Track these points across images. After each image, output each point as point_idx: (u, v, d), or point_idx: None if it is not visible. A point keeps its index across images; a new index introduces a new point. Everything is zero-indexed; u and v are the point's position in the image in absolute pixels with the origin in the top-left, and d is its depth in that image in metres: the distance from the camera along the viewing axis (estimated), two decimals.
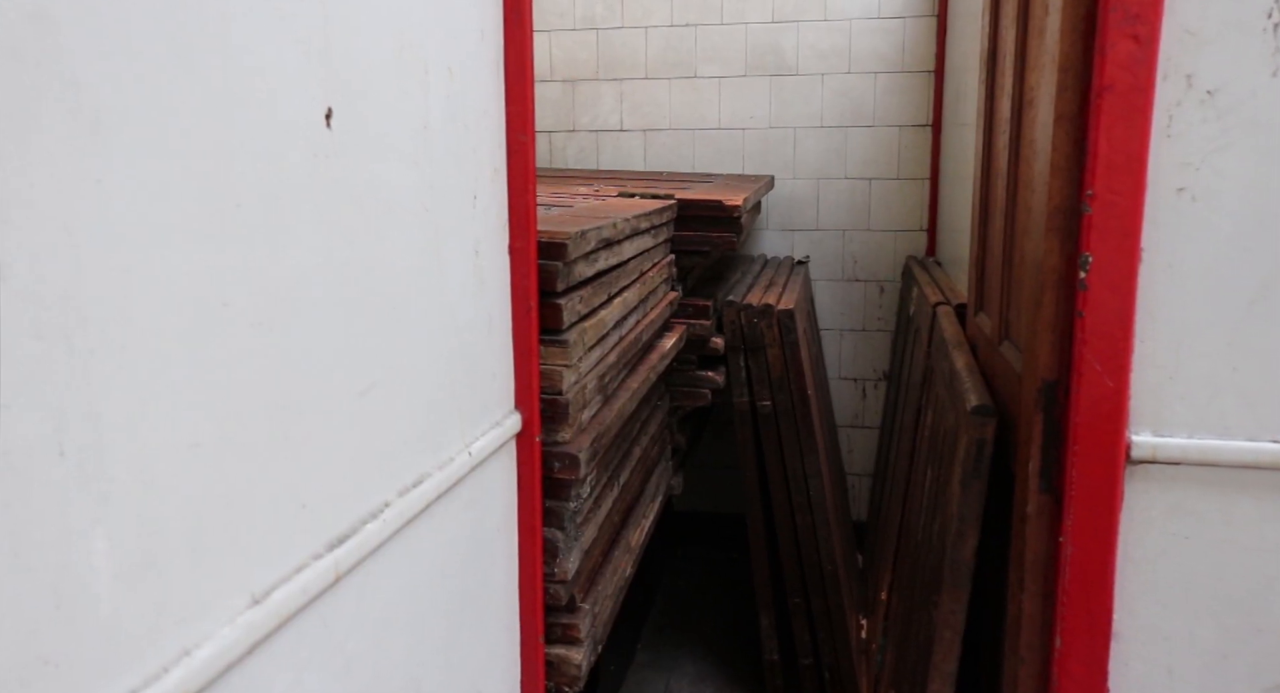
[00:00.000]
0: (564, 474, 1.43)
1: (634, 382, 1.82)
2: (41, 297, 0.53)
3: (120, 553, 0.60)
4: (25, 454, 0.52)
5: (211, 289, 0.68)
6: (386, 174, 0.96)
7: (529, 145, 1.32)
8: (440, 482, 1.08)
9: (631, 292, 1.86)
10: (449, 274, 1.12)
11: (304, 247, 0.80)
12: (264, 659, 0.75)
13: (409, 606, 1.03)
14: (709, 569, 3.34)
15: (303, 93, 0.80)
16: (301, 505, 0.81)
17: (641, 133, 3.44)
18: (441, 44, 1.08)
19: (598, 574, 1.65)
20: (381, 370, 0.95)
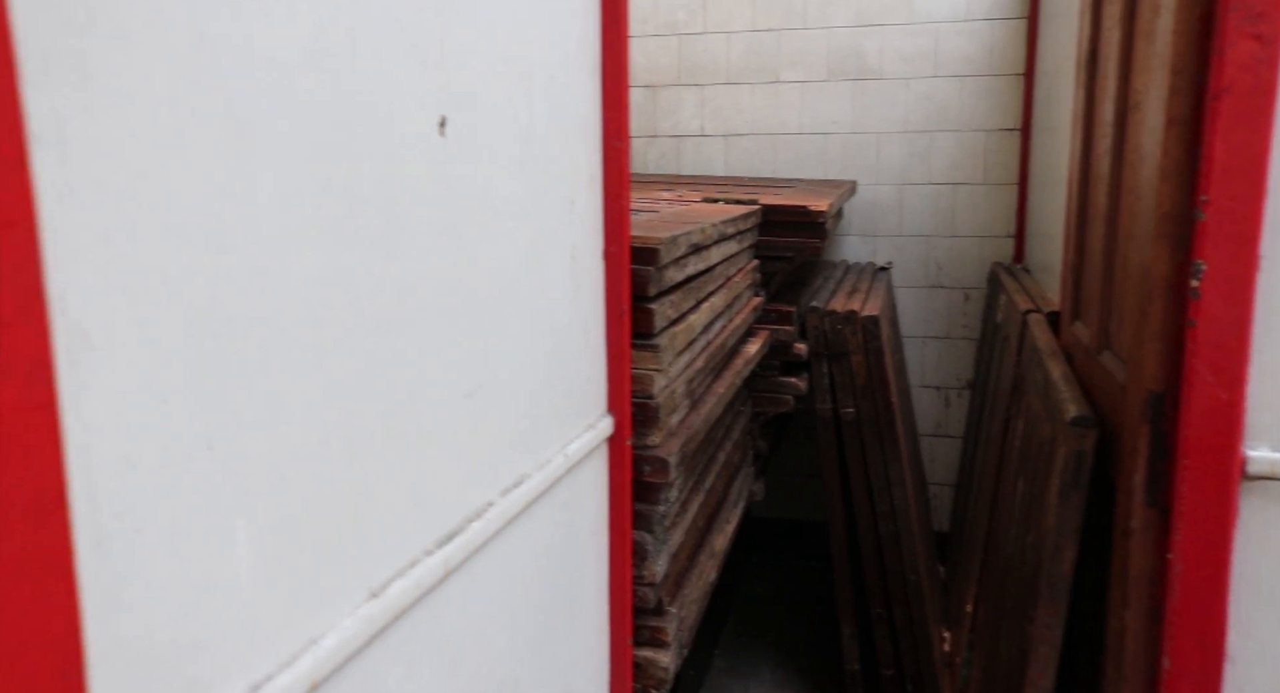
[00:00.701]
0: (653, 478, 1.44)
1: (720, 387, 1.82)
2: (196, 299, 0.56)
3: (258, 544, 0.62)
4: (181, 447, 0.55)
5: (338, 292, 0.71)
6: (493, 180, 0.98)
7: (624, 151, 1.34)
8: (539, 483, 1.10)
9: (718, 297, 1.87)
10: (548, 278, 1.14)
11: (419, 251, 0.83)
12: (381, 651, 0.77)
13: (507, 603, 1.05)
14: (786, 576, 3.32)
15: (420, 102, 0.82)
16: (414, 503, 0.83)
17: (722, 138, 3.45)
18: (544, 52, 1.10)
19: (684, 578, 1.66)
20: (486, 372, 0.98)
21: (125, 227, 0.51)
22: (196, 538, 0.57)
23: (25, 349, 0.43)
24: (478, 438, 0.96)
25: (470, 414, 0.94)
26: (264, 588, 0.63)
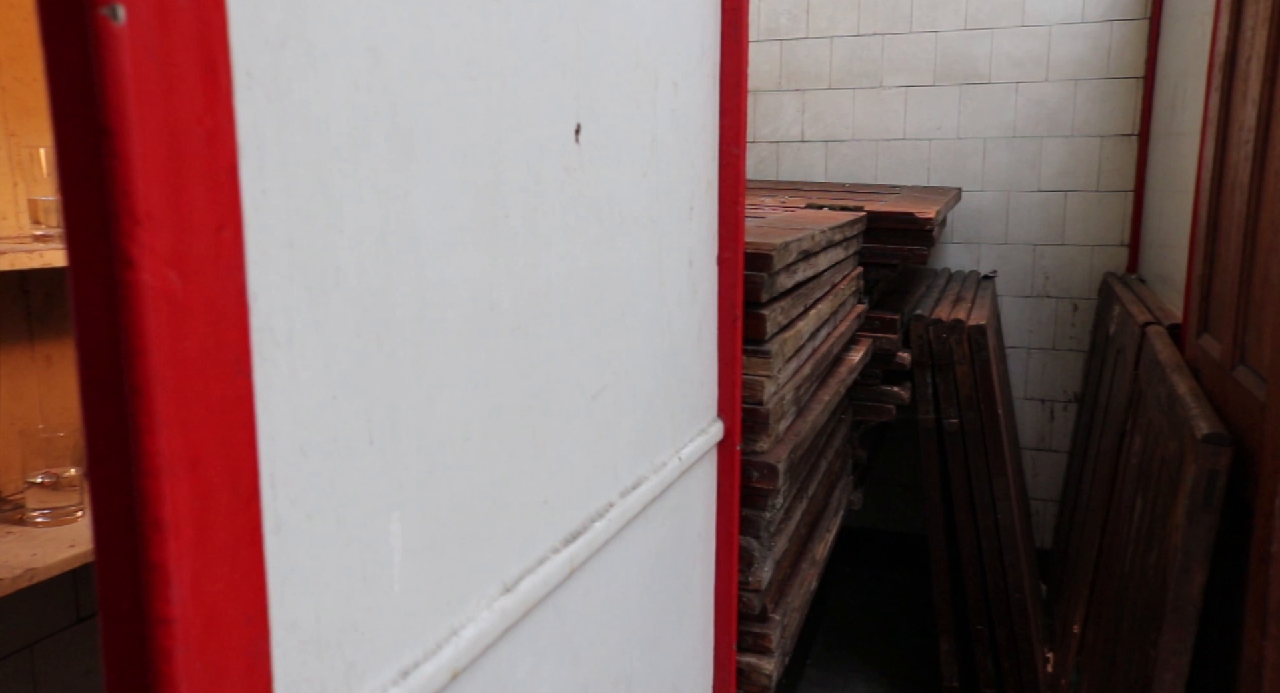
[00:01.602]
0: (762, 484, 1.44)
1: (825, 394, 1.81)
2: (363, 299, 0.59)
3: (410, 536, 0.65)
4: (346, 440, 0.58)
5: (483, 294, 0.74)
6: (621, 186, 0.99)
7: (740, 157, 1.34)
8: (655, 486, 1.11)
9: (825, 304, 1.85)
10: (668, 283, 1.15)
11: (555, 255, 0.85)
12: (512, 644, 0.79)
13: (623, 603, 1.07)
14: (881, 588, 3.26)
15: (558, 109, 0.84)
16: (544, 501, 0.85)
17: (823, 143, 3.42)
18: (668, 60, 1.12)
19: (786, 585, 1.65)
20: (610, 375, 0.99)
21: (306, 230, 0.53)
22: (357, 528, 0.60)
23: (232, 344, 0.45)
24: (601, 439, 0.98)
25: (595, 415, 0.96)
26: (413, 579, 0.66)
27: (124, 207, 0.40)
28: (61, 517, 1.35)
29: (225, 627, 0.46)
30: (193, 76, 0.43)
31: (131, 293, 0.41)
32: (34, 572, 1.17)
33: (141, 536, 0.42)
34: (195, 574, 0.44)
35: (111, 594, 0.44)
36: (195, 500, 0.44)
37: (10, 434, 1.43)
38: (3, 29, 1.39)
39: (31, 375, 1.48)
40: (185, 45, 0.42)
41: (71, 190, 0.41)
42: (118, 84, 0.39)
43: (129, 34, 0.39)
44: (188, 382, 0.43)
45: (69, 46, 0.39)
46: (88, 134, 0.40)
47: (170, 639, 0.43)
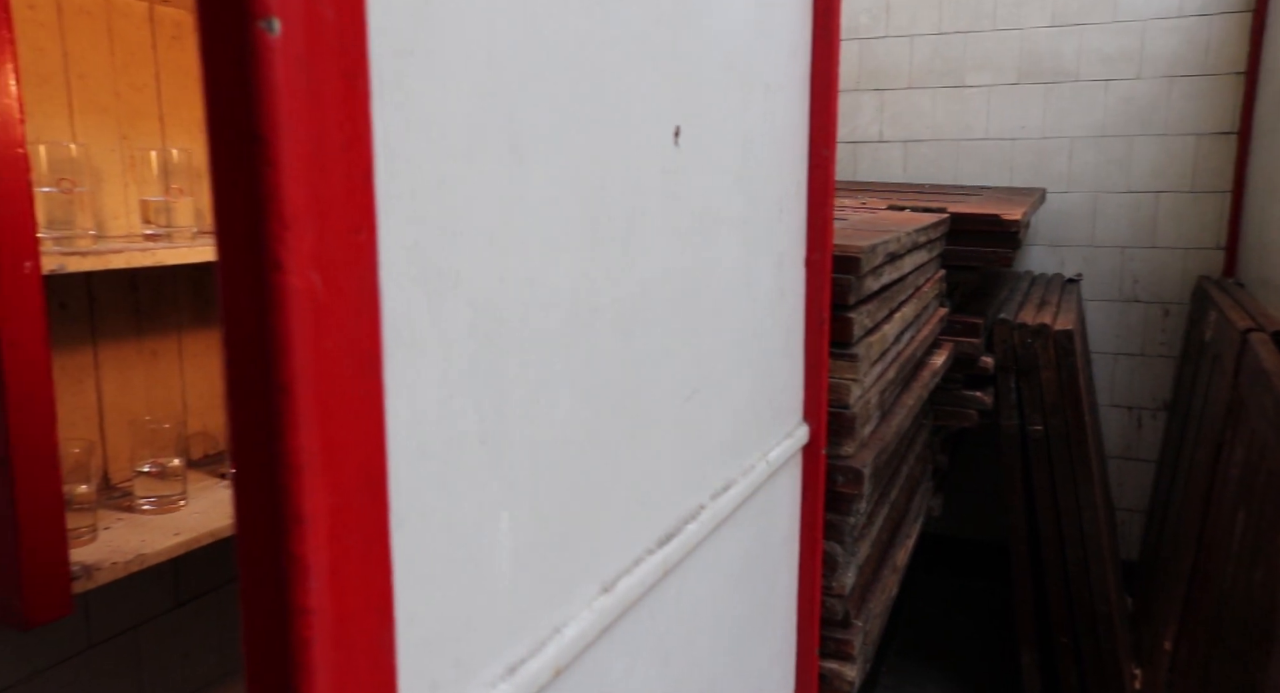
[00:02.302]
0: (847, 488, 1.43)
1: (908, 399, 1.78)
2: (478, 301, 0.60)
3: (517, 534, 0.66)
4: (460, 439, 0.59)
5: (586, 296, 0.74)
6: (715, 188, 0.99)
7: (830, 159, 1.33)
8: (744, 489, 1.11)
9: (909, 307, 1.83)
10: (757, 285, 1.15)
11: (652, 257, 0.85)
12: (609, 644, 0.80)
13: (712, 606, 1.07)
14: (958, 596, 3.20)
15: (659, 113, 0.85)
16: (640, 502, 0.86)
17: (901, 144, 3.36)
18: (761, 62, 1.11)
19: (868, 591, 1.63)
20: (703, 377, 0.99)
21: (428, 233, 0.55)
22: (470, 526, 0.61)
23: (365, 344, 0.47)
24: (693, 441, 0.98)
25: (689, 417, 0.96)
26: (520, 577, 0.67)
27: (273, 211, 0.42)
28: (165, 505, 1.40)
29: (357, 619, 0.48)
30: (336, 85, 0.44)
31: (279, 294, 0.42)
32: (144, 557, 1.22)
33: (283, 529, 0.44)
34: (332, 567, 0.45)
35: (253, 585, 0.46)
36: (332, 496, 0.45)
37: (120, 425, 1.49)
38: (118, 39, 1.45)
39: (138, 369, 1.55)
40: (329, 55, 0.44)
41: (223, 196, 0.43)
42: (271, 93, 0.41)
43: (282, 45, 0.41)
44: (327, 380, 0.44)
45: (226, 58, 0.41)
46: (240, 142, 0.42)
47: (309, 629, 0.45)
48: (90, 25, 1.41)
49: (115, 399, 1.51)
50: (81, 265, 1.14)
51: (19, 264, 1.01)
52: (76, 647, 1.48)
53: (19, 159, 1.00)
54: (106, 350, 1.50)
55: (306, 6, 0.42)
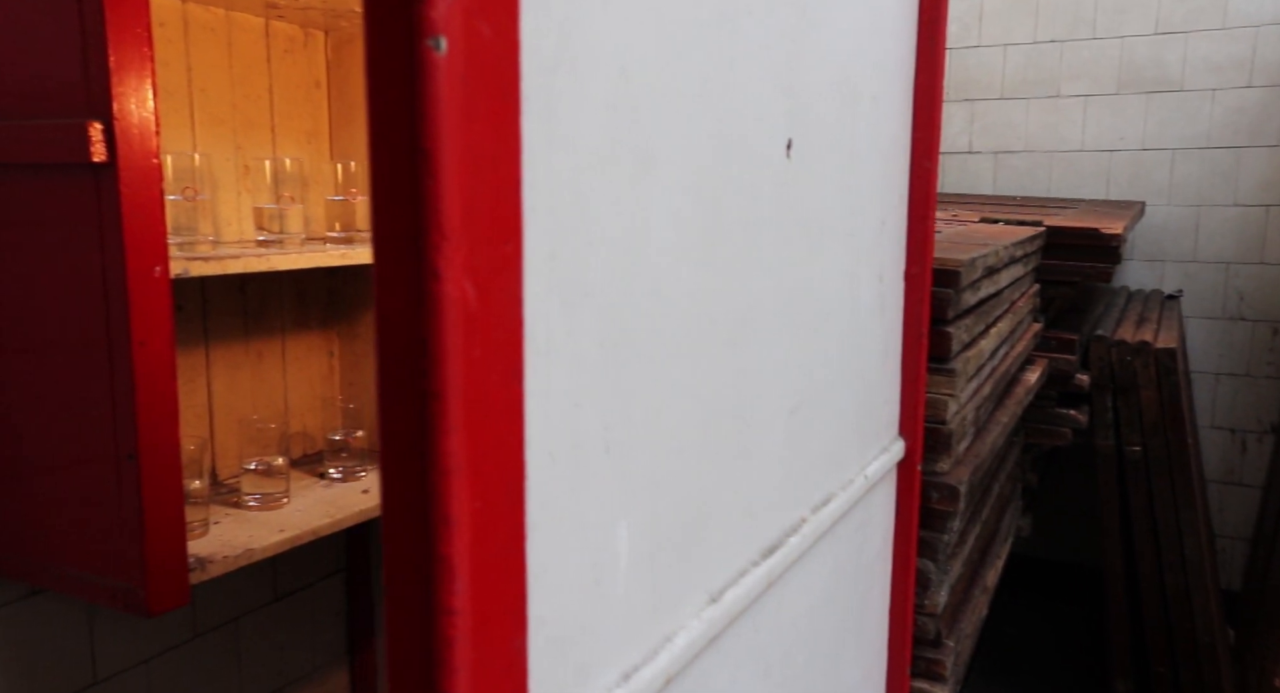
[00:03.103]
0: (941, 505, 1.40)
1: (1002, 415, 1.74)
2: (607, 311, 0.61)
3: (634, 543, 0.67)
4: (586, 447, 0.60)
5: (703, 307, 0.75)
6: (823, 201, 0.99)
7: (932, 171, 1.31)
8: (843, 502, 1.10)
9: (1004, 322, 1.79)
10: (859, 298, 1.14)
11: (764, 270, 0.86)
12: (715, 655, 0.80)
13: (810, 620, 1.06)
14: (1045, 620, 3.11)
15: (773, 126, 0.85)
16: (746, 514, 0.86)
17: (992, 155, 3.30)
18: (868, 73, 1.11)
19: (959, 611, 1.60)
20: (808, 390, 0.99)
21: (564, 244, 0.56)
22: (592, 533, 0.62)
23: (509, 353, 0.48)
24: (796, 454, 0.97)
25: (792, 430, 0.96)
26: (636, 585, 0.67)
27: (433, 222, 0.43)
28: (270, 502, 1.45)
29: (495, 620, 0.49)
30: (491, 101, 0.45)
31: (435, 302, 0.44)
32: (251, 552, 1.26)
33: (431, 530, 0.45)
34: (474, 569, 0.47)
35: (399, 585, 0.47)
36: (476, 500, 0.46)
37: (229, 423, 1.55)
38: (236, 54, 1.51)
39: (245, 370, 1.60)
40: (487, 72, 0.45)
41: (384, 207, 0.44)
42: (435, 109, 0.42)
43: (447, 63, 0.42)
44: (475, 387, 0.46)
45: (393, 75, 0.43)
46: (404, 155, 0.43)
47: (453, 629, 0.46)
48: (212, 41, 1.48)
49: (223, 398, 1.57)
50: (204, 270, 1.19)
51: (150, 269, 1.06)
52: (183, 636, 1.54)
53: (154, 169, 1.05)
54: (216, 351, 1.56)
55: (468, 25, 0.44)
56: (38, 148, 1.04)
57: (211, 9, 1.47)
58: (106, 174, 1.03)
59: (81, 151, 1.01)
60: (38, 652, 1.31)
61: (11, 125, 1.05)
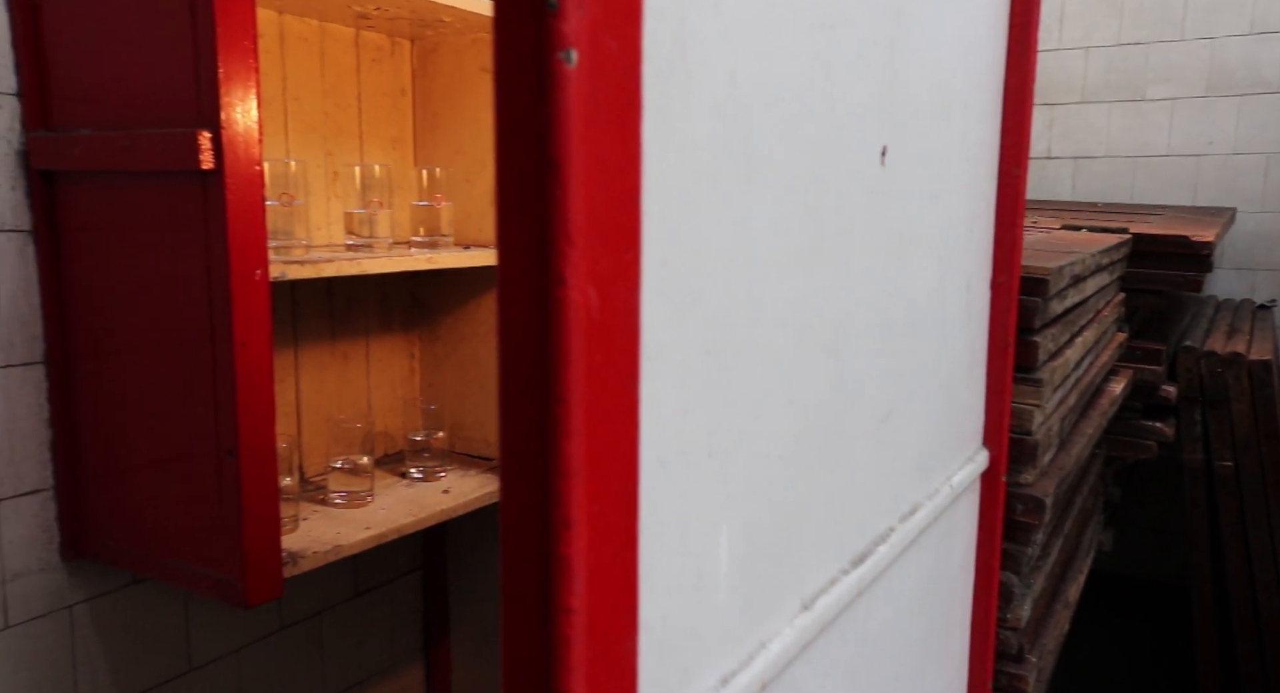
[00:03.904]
0: (1025, 518, 1.37)
1: (1087, 427, 1.70)
2: (712, 318, 0.61)
3: (732, 548, 0.67)
4: (691, 453, 0.61)
5: (801, 315, 0.75)
6: (914, 208, 0.98)
7: (1021, 178, 1.29)
8: (929, 513, 1.09)
9: (1090, 331, 1.75)
10: (948, 307, 1.13)
11: (859, 278, 0.85)
12: (807, 662, 0.80)
13: (896, 631, 1.05)
14: (1125, 638, 3.02)
15: (869, 132, 0.85)
16: (836, 521, 0.85)
17: (1071, 160, 3.22)
18: (961, 79, 1.09)
19: (1042, 626, 1.57)
20: (897, 398, 0.98)
21: (674, 251, 0.57)
22: (695, 538, 0.62)
23: (627, 359, 0.49)
24: (886, 463, 0.97)
25: (882, 439, 0.95)
26: (734, 590, 0.68)
27: (560, 229, 0.44)
28: (355, 500, 1.48)
29: (609, 621, 0.49)
30: (615, 111, 0.46)
31: (561, 308, 0.45)
32: (340, 548, 1.30)
33: (552, 531, 0.46)
34: (591, 570, 0.47)
35: (516, 584, 0.48)
36: (594, 502, 0.47)
37: (317, 423, 1.59)
38: (328, 63, 1.55)
39: (331, 370, 1.65)
40: (612, 83, 0.46)
41: (510, 214, 0.46)
42: (565, 120, 0.43)
43: (577, 75, 0.43)
44: (596, 391, 0.47)
45: (523, 86, 0.44)
46: (533, 164, 0.44)
47: (571, 628, 0.47)
48: (305, 51, 1.52)
49: (310, 398, 1.61)
50: (299, 273, 1.22)
51: (251, 272, 1.10)
52: (270, 628, 1.59)
53: (256, 176, 1.09)
54: (305, 352, 1.60)
55: (595, 37, 0.44)
56: (151, 156, 1.08)
57: (306, 20, 1.52)
58: (213, 181, 1.07)
59: (191, 159, 1.05)
60: (139, 638, 1.36)
61: (128, 135, 1.10)
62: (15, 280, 1.17)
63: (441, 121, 1.70)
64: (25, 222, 1.18)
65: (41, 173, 1.18)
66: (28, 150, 1.17)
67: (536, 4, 0.43)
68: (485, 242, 1.67)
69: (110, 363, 1.20)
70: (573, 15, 0.43)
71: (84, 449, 1.25)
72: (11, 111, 1.15)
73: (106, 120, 1.14)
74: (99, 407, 1.22)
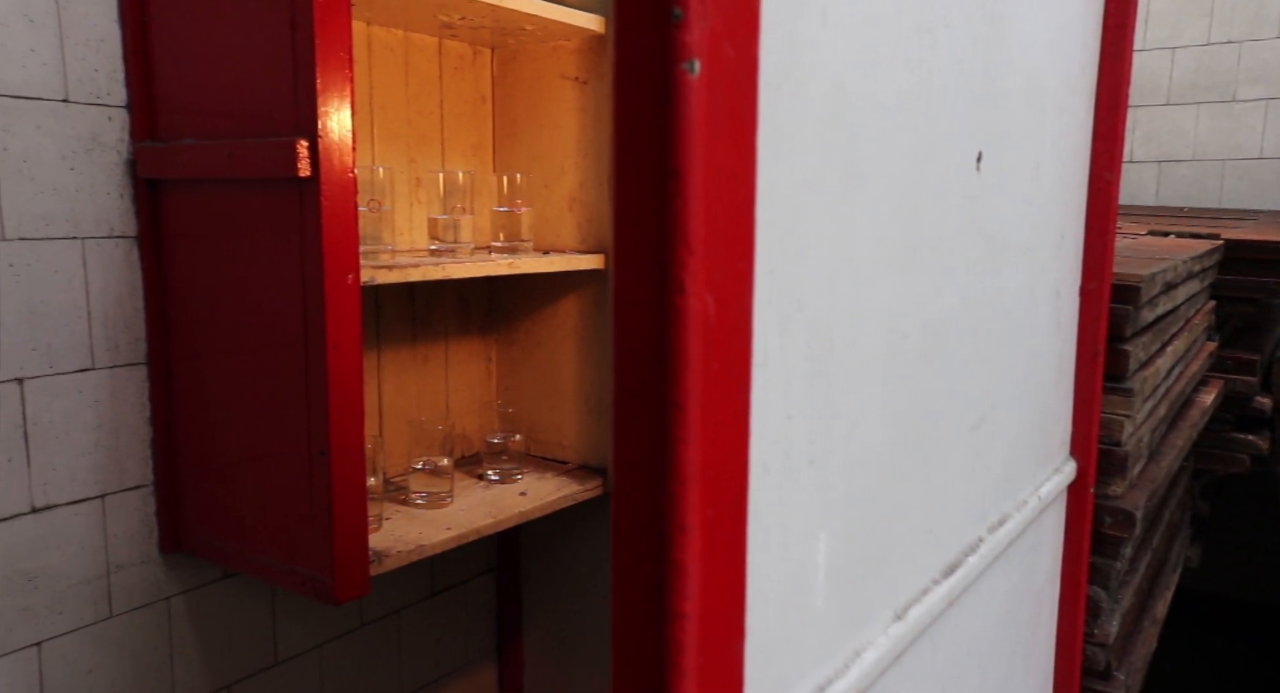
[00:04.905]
0: (1114, 530, 1.34)
1: (1177, 439, 1.65)
2: (814, 325, 0.61)
3: (829, 556, 0.67)
4: (794, 459, 0.61)
5: (897, 322, 0.74)
6: (1007, 214, 0.97)
7: (1114, 183, 1.26)
8: (1017, 523, 1.07)
9: (1180, 340, 1.70)
10: (1037, 314, 1.11)
11: (952, 285, 0.84)
12: (899, 673, 0.79)
13: (982, 643, 1.03)
14: (1211, 657, 2.91)
15: (964, 138, 0.84)
16: (929, 531, 0.84)
17: (1155, 164, 3.13)
18: (1054, 82, 1.07)
19: (1129, 643, 1.52)
20: (988, 407, 0.97)
21: (782, 259, 0.57)
22: (795, 544, 0.62)
23: (739, 365, 0.49)
24: (975, 472, 0.95)
25: (972, 447, 0.93)
26: (831, 598, 0.67)
27: (681, 238, 0.45)
28: (435, 501, 1.51)
29: (719, 626, 0.50)
30: (732, 120, 0.47)
31: (680, 316, 0.45)
32: (423, 548, 1.32)
33: (666, 536, 0.47)
34: (704, 576, 0.48)
35: (628, 588, 0.49)
36: (707, 508, 0.48)
37: (399, 424, 1.63)
38: (412, 72, 1.59)
39: (412, 373, 1.68)
40: (730, 93, 0.46)
41: (628, 223, 0.46)
42: (687, 129, 0.44)
43: (699, 85, 0.44)
44: (711, 398, 0.47)
45: (645, 97, 0.44)
46: (654, 173, 0.45)
47: (684, 633, 0.47)
48: (391, 60, 1.56)
49: (391, 400, 1.65)
50: (388, 278, 1.25)
51: (344, 276, 1.12)
52: (351, 624, 1.62)
53: (350, 183, 1.12)
54: (387, 355, 1.64)
55: (715, 47, 0.45)
56: (250, 164, 1.12)
57: (392, 30, 1.55)
58: (309, 188, 1.10)
59: (289, 167, 1.08)
60: (230, 631, 1.40)
61: (229, 144, 1.14)
62: (121, 285, 1.22)
63: (520, 128, 1.72)
64: (131, 228, 1.23)
65: (147, 181, 1.23)
66: (135, 160, 1.22)
67: (660, 15, 0.43)
68: (563, 247, 1.69)
69: (207, 364, 1.24)
70: (696, 26, 0.43)
71: (181, 447, 1.29)
72: (121, 124, 1.20)
73: (208, 130, 1.18)
74: (196, 406, 1.26)
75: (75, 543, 1.20)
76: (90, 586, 1.22)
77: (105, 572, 1.23)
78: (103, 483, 1.22)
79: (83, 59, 1.16)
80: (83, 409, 1.19)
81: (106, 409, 1.22)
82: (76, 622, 1.21)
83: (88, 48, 1.16)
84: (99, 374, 1.21)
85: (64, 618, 1.20)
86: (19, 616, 1.15)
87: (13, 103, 1.10)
